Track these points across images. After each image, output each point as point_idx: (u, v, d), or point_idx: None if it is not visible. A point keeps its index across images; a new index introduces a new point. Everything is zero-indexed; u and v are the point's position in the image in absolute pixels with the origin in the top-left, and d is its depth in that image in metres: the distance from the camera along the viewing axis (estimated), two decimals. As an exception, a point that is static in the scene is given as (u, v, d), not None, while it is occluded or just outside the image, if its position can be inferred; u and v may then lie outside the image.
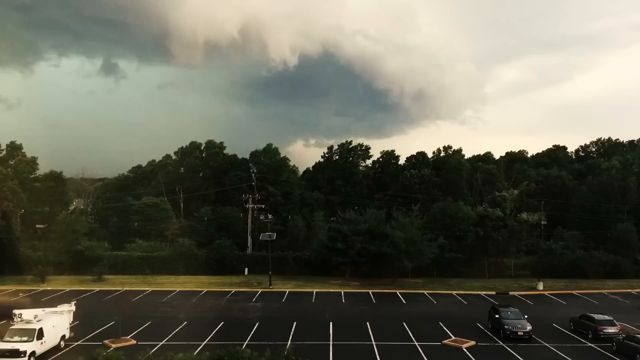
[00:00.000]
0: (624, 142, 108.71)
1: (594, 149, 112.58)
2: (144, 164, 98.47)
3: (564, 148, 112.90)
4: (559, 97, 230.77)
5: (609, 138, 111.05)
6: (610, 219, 72.74)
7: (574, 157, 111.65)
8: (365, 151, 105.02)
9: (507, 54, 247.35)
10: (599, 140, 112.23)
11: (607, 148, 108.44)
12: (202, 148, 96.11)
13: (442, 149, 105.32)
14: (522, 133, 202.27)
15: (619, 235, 66.91)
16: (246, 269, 64.03)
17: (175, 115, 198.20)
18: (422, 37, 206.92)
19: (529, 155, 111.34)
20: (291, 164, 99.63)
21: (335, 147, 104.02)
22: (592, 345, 34.46)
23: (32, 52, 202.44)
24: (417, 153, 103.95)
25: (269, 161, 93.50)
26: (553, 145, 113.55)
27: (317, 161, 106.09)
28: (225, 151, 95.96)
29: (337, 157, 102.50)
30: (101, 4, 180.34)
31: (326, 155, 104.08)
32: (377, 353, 31.73)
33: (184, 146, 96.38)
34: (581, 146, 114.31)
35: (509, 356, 31.83)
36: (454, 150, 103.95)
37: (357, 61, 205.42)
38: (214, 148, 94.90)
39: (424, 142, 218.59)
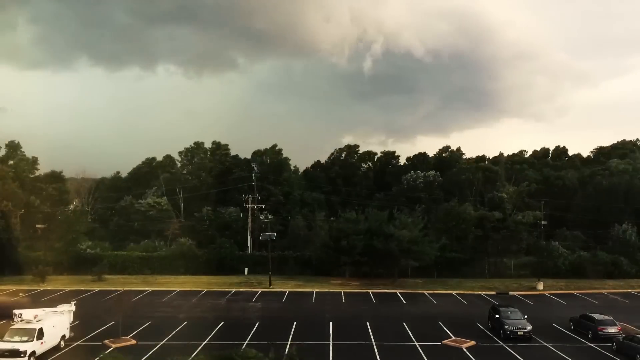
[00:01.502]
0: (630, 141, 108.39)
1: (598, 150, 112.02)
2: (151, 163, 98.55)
3: (566, 150, 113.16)
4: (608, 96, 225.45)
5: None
6: (610, 219, 72.70)
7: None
8: (367, 153, 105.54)
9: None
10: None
11: (613, 149, 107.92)
12: (206, 148, 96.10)
13: (442, 149, 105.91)
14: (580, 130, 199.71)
15: (619, 235, 66.87)
16: (246, 269, 64.02)
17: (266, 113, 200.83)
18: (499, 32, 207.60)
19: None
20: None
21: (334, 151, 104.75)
22: (592, 345, 34.43)
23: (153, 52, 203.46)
24: (419, 154, 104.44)
25: (271, 161, 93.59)
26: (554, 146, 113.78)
27: (316, 161, 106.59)
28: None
29: (341, 158, 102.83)
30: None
31: (331, 158, 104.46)
32: (377, 353, 31.71)
33: (189, 146, 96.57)
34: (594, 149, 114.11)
35: (509, 356, 31.81)
36: (452, 150, 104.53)
37: (434, 57, 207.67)
38: (218, 149, 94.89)
39: (482, 140, 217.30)
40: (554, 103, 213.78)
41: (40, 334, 30.06)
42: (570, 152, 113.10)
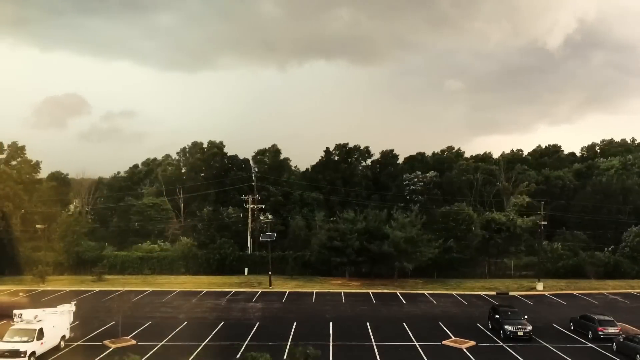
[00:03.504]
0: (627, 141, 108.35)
1: (597, 149, 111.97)
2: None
3: (559, 147, 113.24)
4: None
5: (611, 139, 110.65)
6: (610, 219, 72.65)
7: (584, 155, 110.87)
8: (365, 151, 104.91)
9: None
10: (603, 141, 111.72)
11: (610, 147, 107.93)
12: (204, 148, 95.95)
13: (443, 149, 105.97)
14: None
15: (619, 235, 66.71)
16: (246, 269, 63.98)
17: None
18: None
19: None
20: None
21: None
22: (592, 345, 34.45)
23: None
24: (417, 153, 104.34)
25: (271, 162, 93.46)
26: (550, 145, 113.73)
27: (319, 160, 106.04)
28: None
29: (336, 157, 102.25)
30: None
31: (326, 155, 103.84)
32: (377, 353, 31.73)
33: (187, 146, 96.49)
34: (584, 147, 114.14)
35: (509, 356, 31.82)
36: (452, 149, 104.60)
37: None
38: (214, 148, 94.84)
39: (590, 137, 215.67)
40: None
41: (40, 334, 30.05)
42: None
